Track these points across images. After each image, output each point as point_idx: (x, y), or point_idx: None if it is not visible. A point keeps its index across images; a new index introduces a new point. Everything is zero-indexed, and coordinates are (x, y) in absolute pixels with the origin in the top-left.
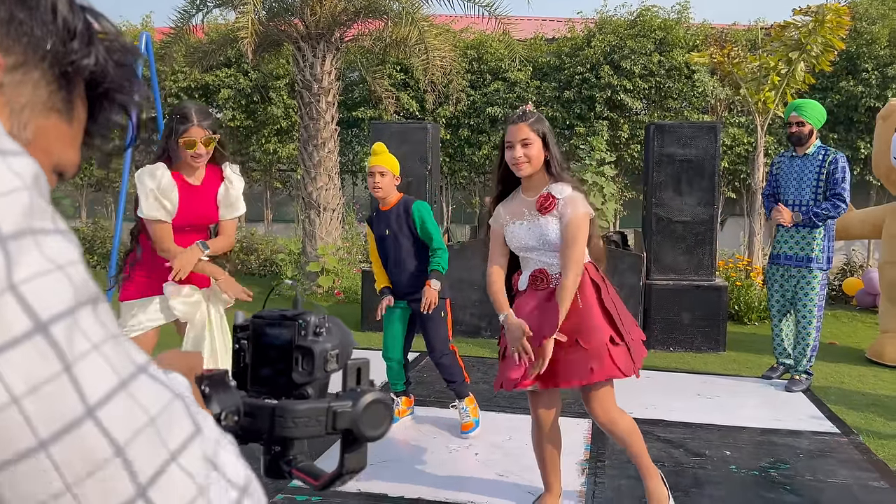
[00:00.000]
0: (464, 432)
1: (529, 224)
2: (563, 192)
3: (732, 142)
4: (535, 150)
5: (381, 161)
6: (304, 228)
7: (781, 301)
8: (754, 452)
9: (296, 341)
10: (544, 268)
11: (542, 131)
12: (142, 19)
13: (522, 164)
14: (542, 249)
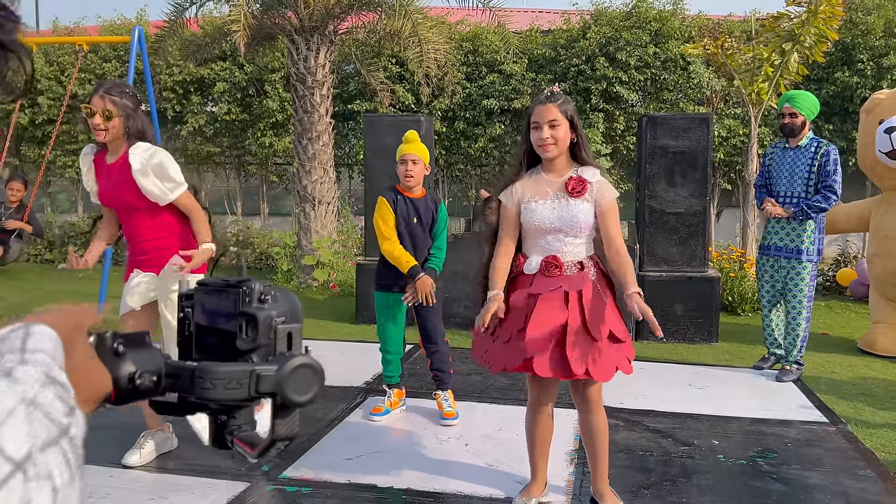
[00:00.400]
0: (445, 419)
1: (555, 204)
2: (595, 177)
3: (728, 133)
4: (562, 132)
5: (414, 149)
6: (300, 222)
7: (772, 292)
8: (742, 442)
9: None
10: (557, 254)
11: (569, 113)
12: (136, 13)
13: (549, 146)
14: (562, 232)
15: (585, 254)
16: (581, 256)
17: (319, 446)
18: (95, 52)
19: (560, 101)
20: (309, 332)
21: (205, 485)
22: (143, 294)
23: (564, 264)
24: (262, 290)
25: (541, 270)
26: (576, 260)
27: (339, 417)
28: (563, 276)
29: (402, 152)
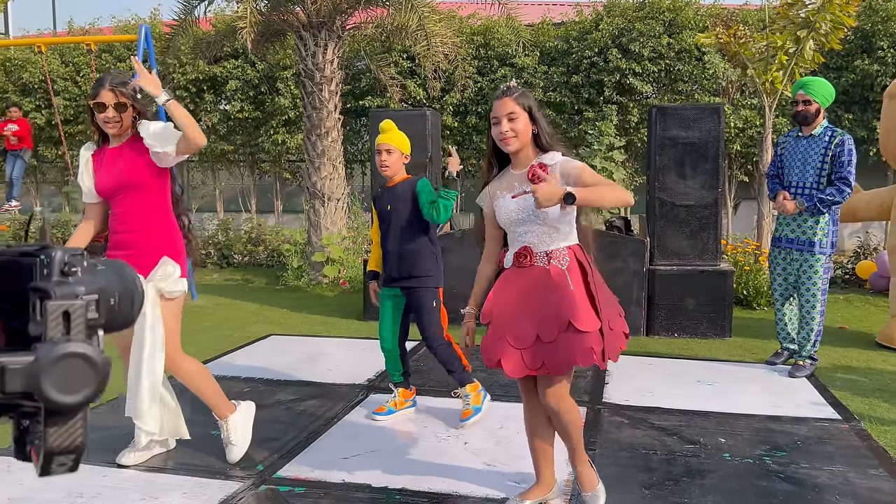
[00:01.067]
0: (462, 420)
1: (520, 196)
2: (555, 159)
3: (745, 124)
4: (521, 125)
5: (387, 139)
6: (310, 218)
7: (784, 285)
8: (750, 440)
9: (34, 282)
10: (529, 245)
11: (527, 105)
12: (150, 13)
13: (510, 139)
14: (530, 223)
15: (563, 243)
16: (554, 246)
17: (317, 444)
18: (110, 51)
19: (517, 94)
20: (315, 328)
21: (197, 484)
22: None
23: (536, 254)
24: (67, 261)
25: (513, 262)
26: (549, 249)
27: (338, 415)
28: (533, 266)
29: (377, 143)
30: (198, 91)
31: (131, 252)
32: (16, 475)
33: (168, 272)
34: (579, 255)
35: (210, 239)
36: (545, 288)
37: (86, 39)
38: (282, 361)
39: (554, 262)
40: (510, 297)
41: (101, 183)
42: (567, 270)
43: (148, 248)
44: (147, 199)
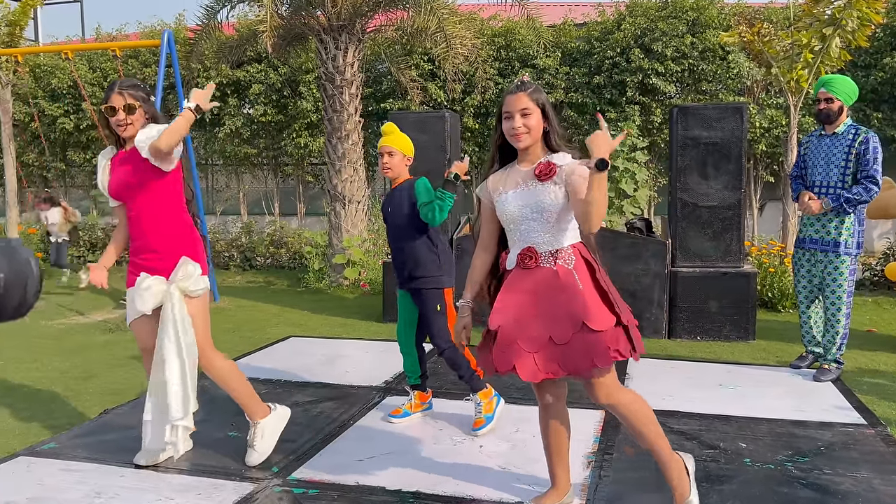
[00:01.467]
0: (474, 429)
1: (524, 192)
2: (565, 160)
3: (770, 124)
4: (534, 121)
5: (389, 141)
6: (331, 221)
7: (809, 287)
8: (772, 445)
9: None
10: (532, 245)
11: (541, 101)
12: (175, 18)
13: (522, 135)
14: (533, 220)
15: (566, 242)
16: (560, 245)
17: (332, 447)
18: (136, 57)
19: (531, 89)
20: (335, 330)
21: (212, 485)
22: (152, 297)
23: (541, 255)
24: None
25: (517, 264)
26: (553, 249)
27: (354, 417)
28: (539, 267)
29: (378, 146)
30: (222, 95)
31: (150, 256)
32: (35, 475)
33: (188, 271)
34: (584, 252)
35: (233, 241)
36: (554, 289)
37: (110, 45)
38: (300, 363)
39: (560, 263)
40: (518, 301)
41: (111, 185)
42: (574, 269)
43: (166, 250)
44: (156, 200)
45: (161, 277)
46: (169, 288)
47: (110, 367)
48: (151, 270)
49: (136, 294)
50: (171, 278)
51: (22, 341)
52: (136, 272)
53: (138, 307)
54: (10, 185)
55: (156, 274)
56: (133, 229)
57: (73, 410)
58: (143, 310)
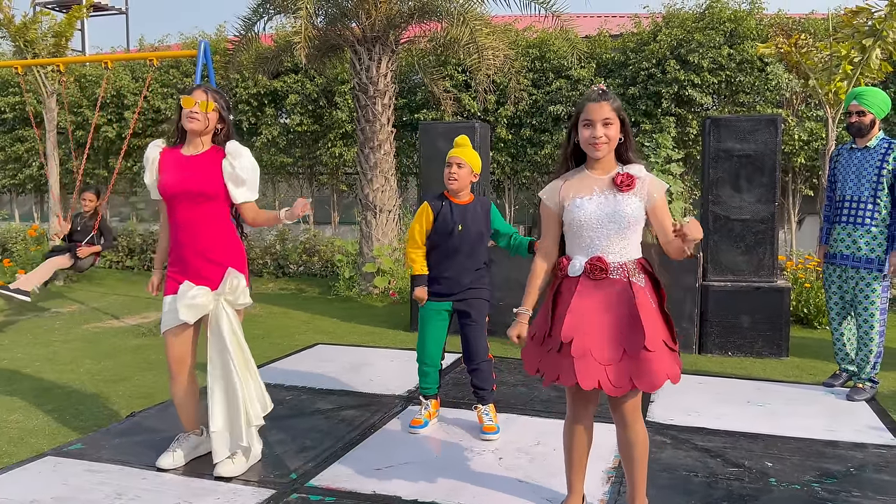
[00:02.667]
0: (486, 433)
1: (601, 199)
2: (642, 172)
3: (809, 136)
4: (614, 131)
5: (460, 153)
6: (361, 230)
7: (840, 304)
8: (799, 465)
9: None
10: (602, 255)
11: (621, 112)
12: (216, 30)
13: (601, 145)
14: (610, 228)
15: (633, 255)
16: (628, 258)
17: (351, 454)
18: (177, 67)
19: (612, 98)
20: (362, 338)
21: (231, 490)
22: (200, 308)
23: (610, 266)
24: None
25: (585, 273)
26: (622, 261)
27: (375, 426)
28: (608, 279)
29: (448, 156)
30: (259, 105)
31: (198, 265)
32: (61, 475)
33: (235, 285)
34: (649, 270)
35: (267, 249)
36: (628, 304)
37: (148, 55)
38: (326, 370)
39: (634, 280)
40: (590, 313)
41: (167, 183)
42: (646, 289)
43: (214, 260)
44: (214, 210)
45: (207, 288)
46: (220, 301)
47: (140, 371)
48: (197, 279)
49: (180, 303)
50: (219, 290)
51: (60, 344)
52: (178, 279)
53: (182, 316)
54: (53, 192)
55: (201, 283)
56: (182, 233)
57: (101, 412)
58: (187, 319)
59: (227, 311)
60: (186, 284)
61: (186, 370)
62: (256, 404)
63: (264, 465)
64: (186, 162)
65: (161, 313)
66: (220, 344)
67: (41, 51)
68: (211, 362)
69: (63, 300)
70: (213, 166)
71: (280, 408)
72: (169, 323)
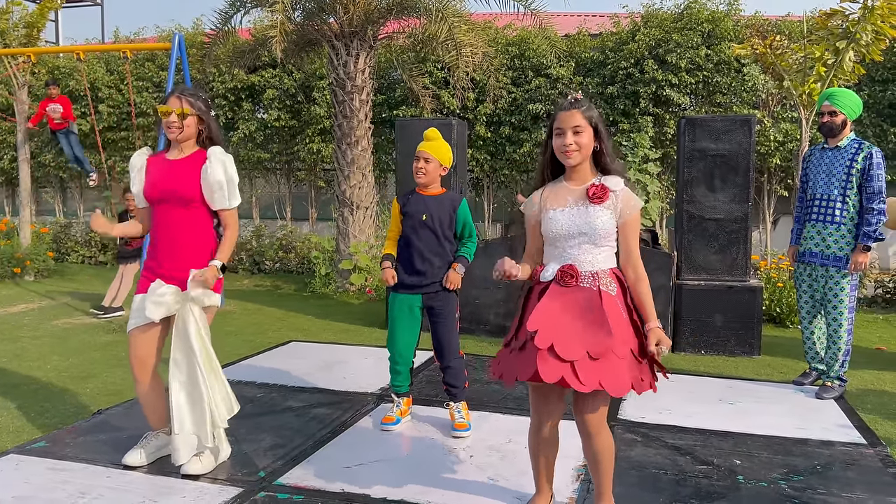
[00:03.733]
0: (457, 430)
1: (574, 211)
2: (618, 186)
3: (785, 137)
4: (585, 139)
5: (428, 147)
6: (338, 226)
7: (811, 302)
8: (767, 462)
9: None
10: (574, 263)
11: (593, 119)
12: (193, 23)
13: (572, 153)
14: (581, 239)
15: (605, 265)
16: (600, 268)
17: (321, 453)
18: (153, 60)
19: (584, 107)
20: (337, 336)
21: (198, 489)
22: (168, 306)
23: (581, 273)
24: None
25: (556, 279)
26: (594, 270)
27: (346, 423)
28: (578, 286)
29: (417, 150)
30: (236, 99)
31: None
32: (23, 473)
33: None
34: (622, 279)
35: (243, 245)
36: (596, 310)
37: (122, 47)
38: (298, 368)
39: (603, 288)
40: (558, 312)
41: (151, 187)
42: (616, 298)
43: (189, 261)
44: (194, 214)
45: (176, 288)
46: (187, 302)
47: (110, 368)
48: (169, 279)
49: (148, 300)
50: (188, 290)
51: (28, 340)
52: (151, 278)
53: (148, 314)
54: (24, 185)
55: (171, 283)
56: (160, 234)
57: (67, 410)
58: (153, 317)
59: (193, 312)
60: (157, 283)
61: (149, 372)
62: (222, 407)
63: (232, 463)
64: (170, 166)
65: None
66: (186, 345)
67: (12, 41)
68: (175, 364)
69: (33, 295)
70: (193, 170)
71: (250, 406)
72: (136, 321)
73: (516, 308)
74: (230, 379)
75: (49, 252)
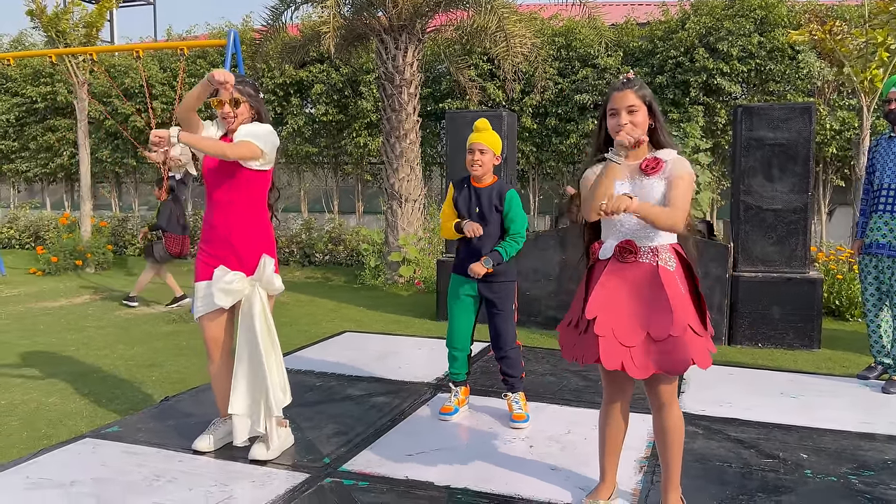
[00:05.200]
0: (515, 421)
1: (631, 185)
2: (671, 155)
3: (841, 126)
4: (640, 118)
5: (482, 138)
6: (387, 219)
7: (877, 295)
8: (835, 457)
9: None
10: (633, 239)
11: (647, 98)
12: (242, 20)
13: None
14: None
15: (664, 241)
16: (658, 242)
17: (383, 440)
18: (204, 57)
19: (637, 86)
20: (388, 327)
21: (265, 474)
22: (236, 293)
23: (640, 249)
24: None
25: (615, 255)
26: (653, 245)
27: (405, 412)
28: (637, 262)
29: (470, 141)
30: (285, 95)
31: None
32: (99, 456)
33: (270, 271)
34: (683, 255)
35: (293, 238)
36: (655, 287)
37: (179, 45)
38: (354, 357)
39: (662, 264)
40: (616, 293)
41: (206, 160)
42: (676, 274)
43: (248, 245)
44: (245, 194)
45: (242, 274)
46: (255, 287)
47: (172, 357)
48: (232, 265)
49: (216, 288)
50: (255, 275)
51: (94, 329)
52: (212, 264)
53: (217, 301)
54: (84, 180)
55: (236, 269)
56: (216, 216)
57: (136, 396)
58: (223, 304)
59: (261, 296)
60: (221, 269)
61: (224, 351)
62: (280, 393)
63: (297, 449)
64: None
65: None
66: (251, 329)
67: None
68: (240, 346)
69: (95, 286)
70: None
71: (310, 394)
72: (204, 308)
73: (578, 286)
74: (289, 368)
75: (108, 245)
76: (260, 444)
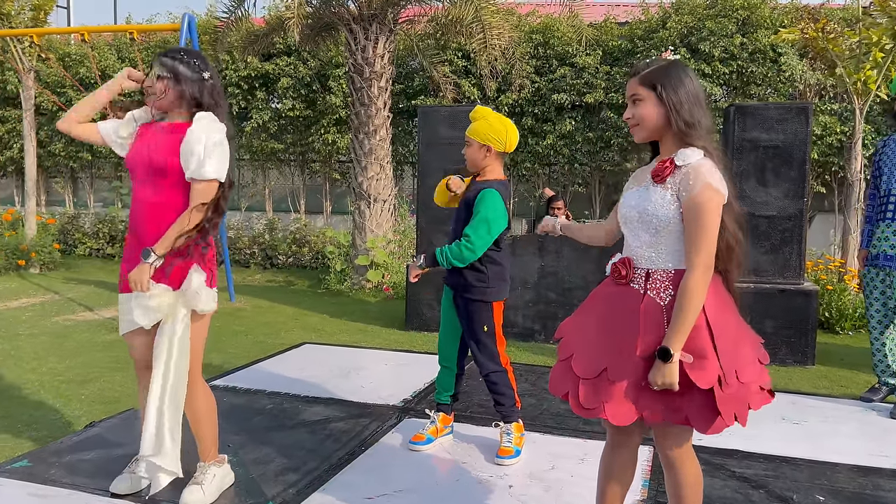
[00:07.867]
0: (500, 457)
1: (637, 191)
2: (688, 159)
3: (823, 131)
4: (645, 109)
5: (468, 130)
6: (354, 220)
7: (883, 310)
8: (855, 498)
9: None
10: (632, 257)
11: (655, 84)
12: (207, 9)
13: (632, 128)
14: (639, 226)
15: (665, 264)
16: (658, 265)
17: (339, 478)
18: (163, 46)
19: (644, 71)
20: (353, 337)
21: None
22: (156, 311)
23: (635, 270)
24: None
25: (609, 273)
26: (650, 268)
27: (366, 441)
28: (627, 285)
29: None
30: (249, 88)
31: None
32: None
33: (198, 286)
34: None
35: (256, 238)
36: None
37: (128, 28)
38: (313, 374)
39: (652, 294)
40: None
41: (130, 156)
42: (665, 309)
43: (178, 253)
44: (177, 192)
45: (168, 287)
46: (177, 303)
47: (110, 371)
48: (156, 276)
49: (136, 304)
50: (181, 289)
51: (25, 338)
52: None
53: (137, 319)
54: (29, 174)
55: (161, 282)
56: (141, 215)
57: (59, 420)
58: (142, 324)
59: (180, 317)
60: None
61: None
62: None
63: (237, 491)
64: (153, 131)
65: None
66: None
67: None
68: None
69: (37, 289)
70: (173, 137)
71: (259, 418)
72: (126, 325)
73: None
74: (237, 387)
75: (55, 244)
76: (193, 486)
